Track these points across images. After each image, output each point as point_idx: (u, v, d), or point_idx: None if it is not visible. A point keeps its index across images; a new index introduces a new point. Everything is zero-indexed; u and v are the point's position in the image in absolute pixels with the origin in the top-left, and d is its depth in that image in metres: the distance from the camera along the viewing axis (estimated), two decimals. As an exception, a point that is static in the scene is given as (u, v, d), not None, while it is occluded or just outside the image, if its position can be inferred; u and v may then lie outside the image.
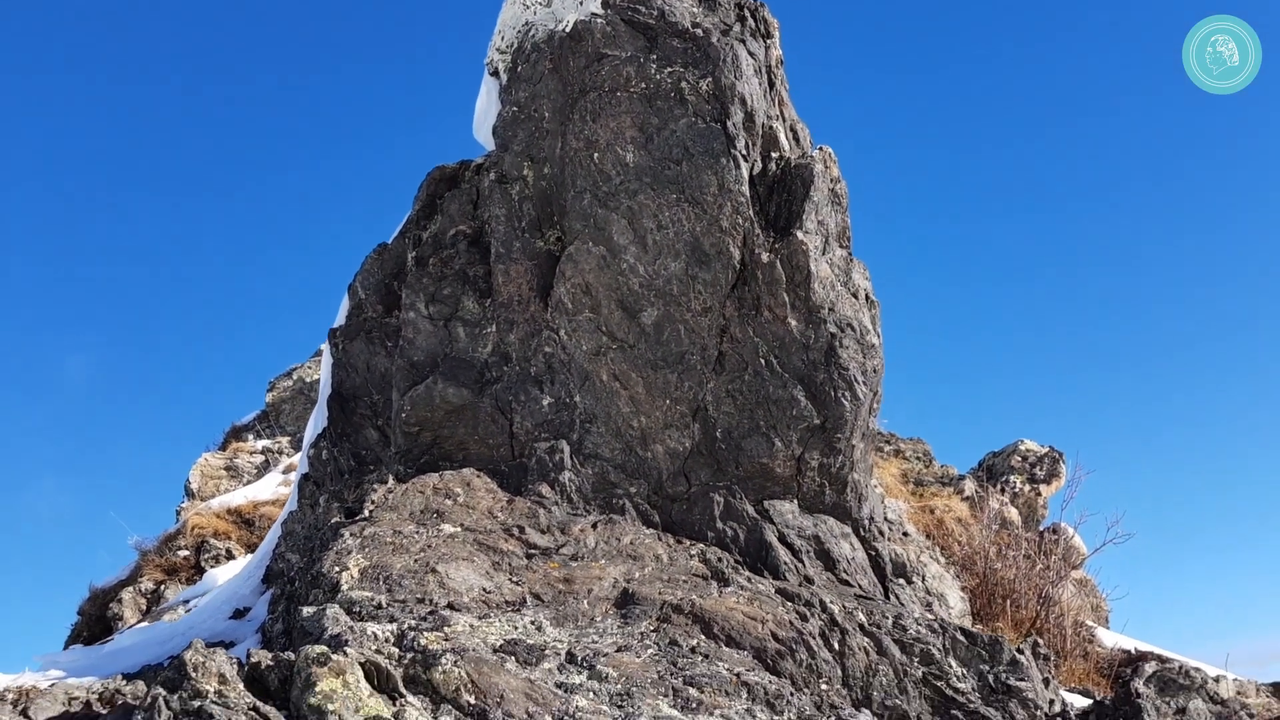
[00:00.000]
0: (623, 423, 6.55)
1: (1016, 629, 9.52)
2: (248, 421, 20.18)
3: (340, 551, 4.93)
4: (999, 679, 6.06)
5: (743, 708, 4.37)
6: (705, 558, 5.90)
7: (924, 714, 5.59)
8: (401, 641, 4.14)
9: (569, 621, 4.89)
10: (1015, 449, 16.04)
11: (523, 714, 3.88)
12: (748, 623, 5.11)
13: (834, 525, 7.33)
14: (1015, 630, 9.42)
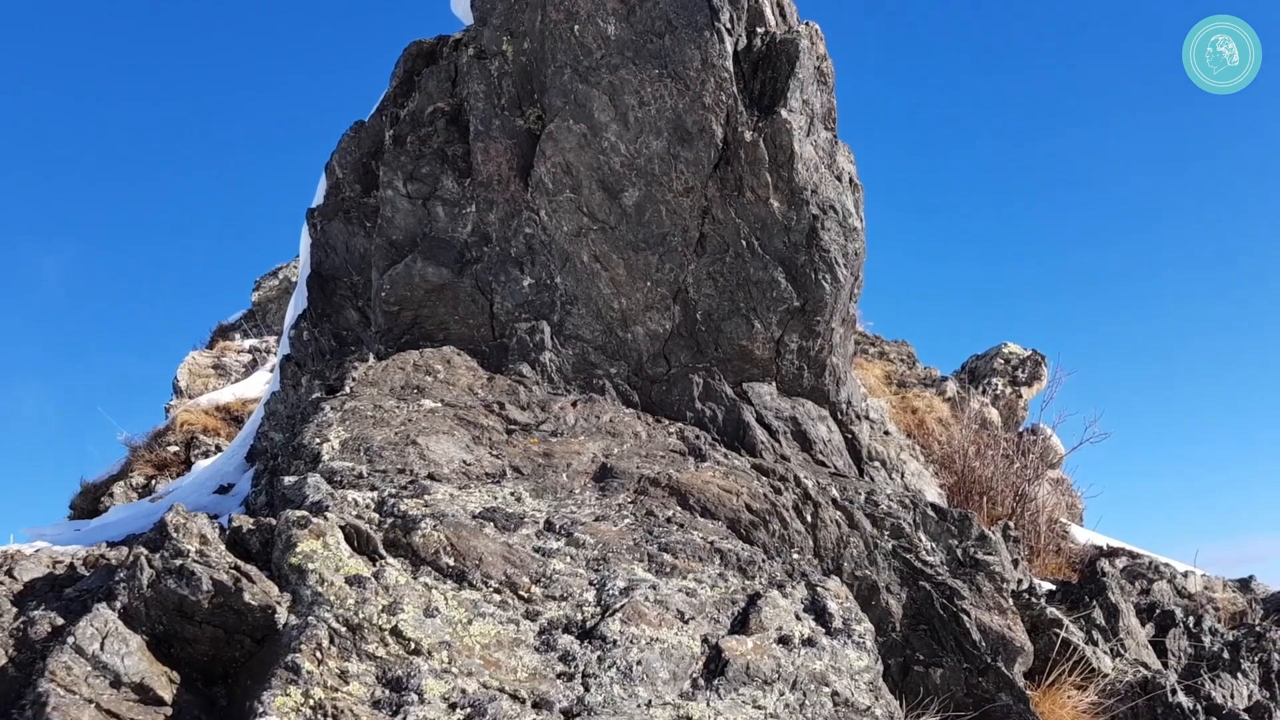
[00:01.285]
0: (603, 304, 6.55)
1: (992, 524, 9.68)
2: (234, 320, 20.18)
3: (321, 424, 4.97)
4: (967, 553, 6.23)
5: (715, 572, 4.49)
6: (683, 435, 5.97)
7: (892, 584, 5.75)
8: (381, 508, 4.21)
9: (548, 493, 4.96)
10: (998, 352, 16.18)
11: (501, 575, 3.98)
12: (723, 495, 5.20)
13: (811, 408, 7.42)
14: (993, 523, 9.60)
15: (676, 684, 3.66)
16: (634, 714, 3.34)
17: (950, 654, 5.71)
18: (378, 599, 3.55)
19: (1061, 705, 6.11)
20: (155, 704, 3.25)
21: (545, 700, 3.32)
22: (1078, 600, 8.23)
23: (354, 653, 3.31)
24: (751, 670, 3.81)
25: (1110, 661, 6.96)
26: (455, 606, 3.69)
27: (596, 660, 3.61)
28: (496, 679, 3.39)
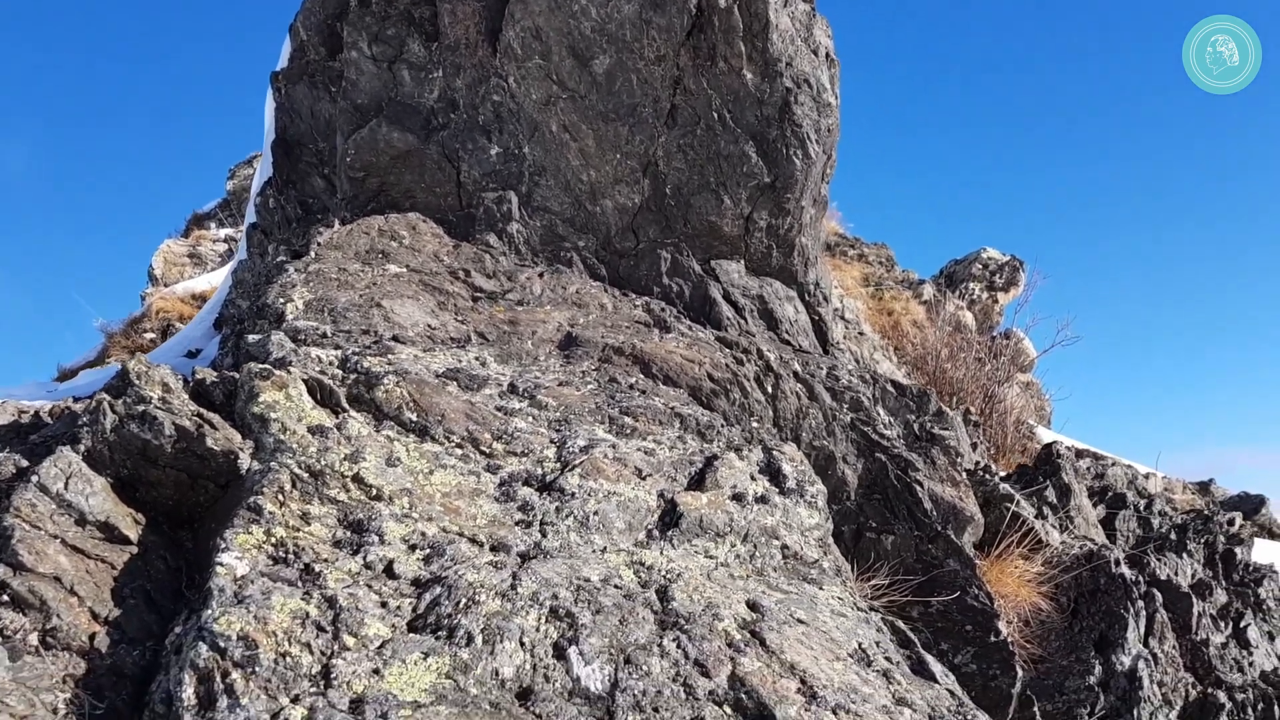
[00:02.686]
0: (572, 176, 6.50)
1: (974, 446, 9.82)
2: (209, 209, 19.89)
3: (285, 284, 4.97)
4: (924, 428, 6.38)
5: (674, 435, 4.59)
6: (649, 308, 6.02)
7: (849, 455, 5.90)
8: (345, 365, 4.25)
9: (512, 359, 5.02)
10: (977, 257, 16.22)
11: (463, 431, 4.05)
12: (685, 364, 5.28)
13: (779, 288, 7.47)
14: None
15: (632, 534, 3.78)
16: (589, 558, 3.45)
17: (902, 522, 5.90)
18: (340, 448, 3.62)
19: (1008, 573, 6.33)
20: (121, 542, 3.32)
21: (503, 544, 3.42)
22: (1032, 480, 8.45)
23: (315, 497, 3.38)
24: (705, 523, 3.94)
25: (1058, 535, 7.21)
26: (417, 458, 3.77)
27: (554, 510, 3.71)
28: (456, 524, 3.48)
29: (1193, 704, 6.02)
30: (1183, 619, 6.88)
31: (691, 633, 3.14)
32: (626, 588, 3.33)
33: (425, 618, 2.93)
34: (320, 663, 2.67)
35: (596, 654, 2.92)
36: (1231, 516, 10.13)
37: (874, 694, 3.08)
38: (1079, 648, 5.93)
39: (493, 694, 2.71)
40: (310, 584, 2.94)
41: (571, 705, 2.73)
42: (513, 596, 3.07)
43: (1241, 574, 8.79)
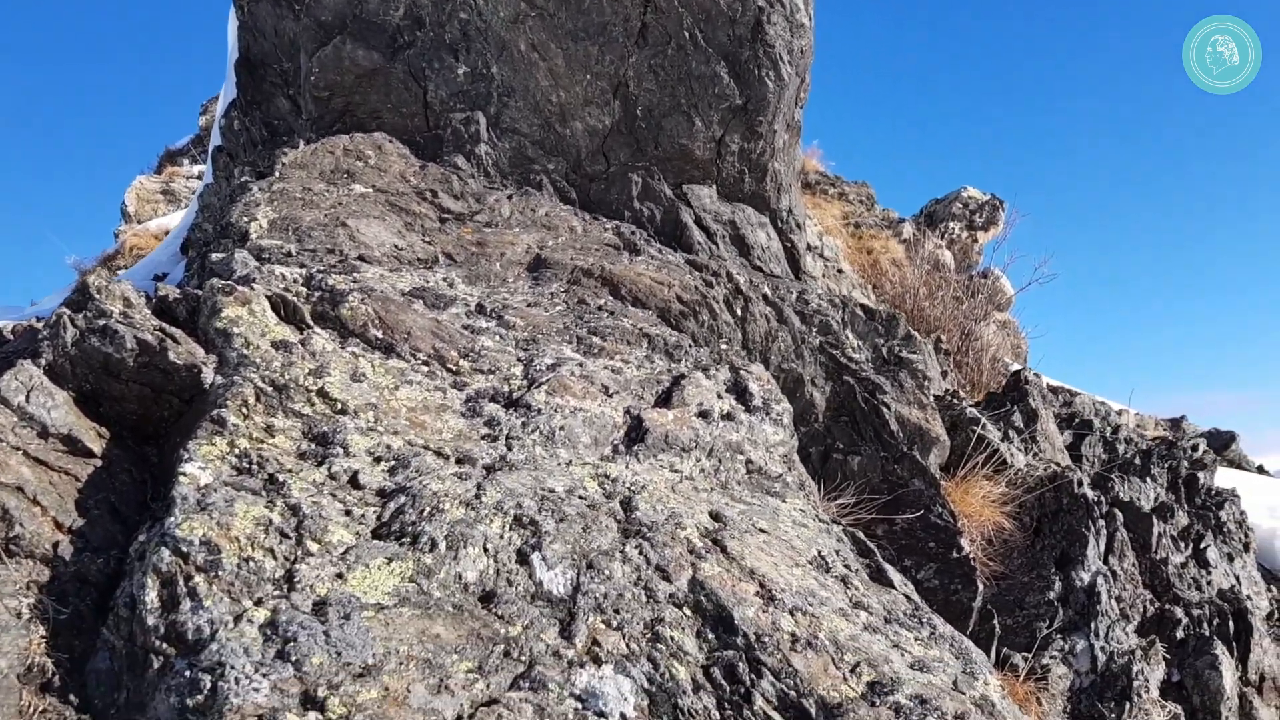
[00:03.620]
0: (541, 97, 6.43)
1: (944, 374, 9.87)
2: (182, 145, 19.56)
3: (249, 203, 4.92)
4: (892, 351, 6.43)
5: (642, 355, 4.61)
6: (619, 232, 5.99)
7: (817, 378, 5.95)
8: (309, 282, 4.23)
9: (480, 281, 5.00)
10: (958, 196, 16.18)
11: (429, 349, 4.05)
12: (654, 286, 5.28)
13: (751, 214, 7.46)
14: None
15: (598, 448, 3.82)
16: (554, 471, 3.49)
17: (869, 443, 5.98)
18: (304, 363, 3.62)
19: (972, 494, 6.44)
20: (84, 455, 3.33)
21: (469, 457, 3.45)
22: (999, 407, 8.55)
23: (280, 410, 3.39)
24: (670, 439, 3.97)
25: (1023, 458, 7.32)
26: (382, 373, 3.77)
27: (520, 425, 3.73)
28: (422, 438, 3.50)
29: (1150, 619, 6.18)
30: (1143, 539, 7.03)
31: (654, 540, 3.19)
32: (590, 498, 3.37)
33: (389, 525, 2.96)
34: (284, 567, 2.70)
35: (559, 559, 2.97)
36: (1196, 442, 10.28)
37: (831, 597, 3.15)
38: (1040, 565, 6.05)
39: (456, 597, 2.75)
40: (274, 493, 2.96)
41: (534, 607, 2.78)
42: (477, 505, 3.10)
43: (1204, 498, 8.96)
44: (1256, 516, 10.02)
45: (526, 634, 2.67)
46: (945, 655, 3.00)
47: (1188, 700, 5.44)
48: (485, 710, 2.40)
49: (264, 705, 2.24)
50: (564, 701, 2.48)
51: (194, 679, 2.32)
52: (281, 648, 2.41)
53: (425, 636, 2.56)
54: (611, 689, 2.55)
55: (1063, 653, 5.24)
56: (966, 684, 2.85)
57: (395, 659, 2.45)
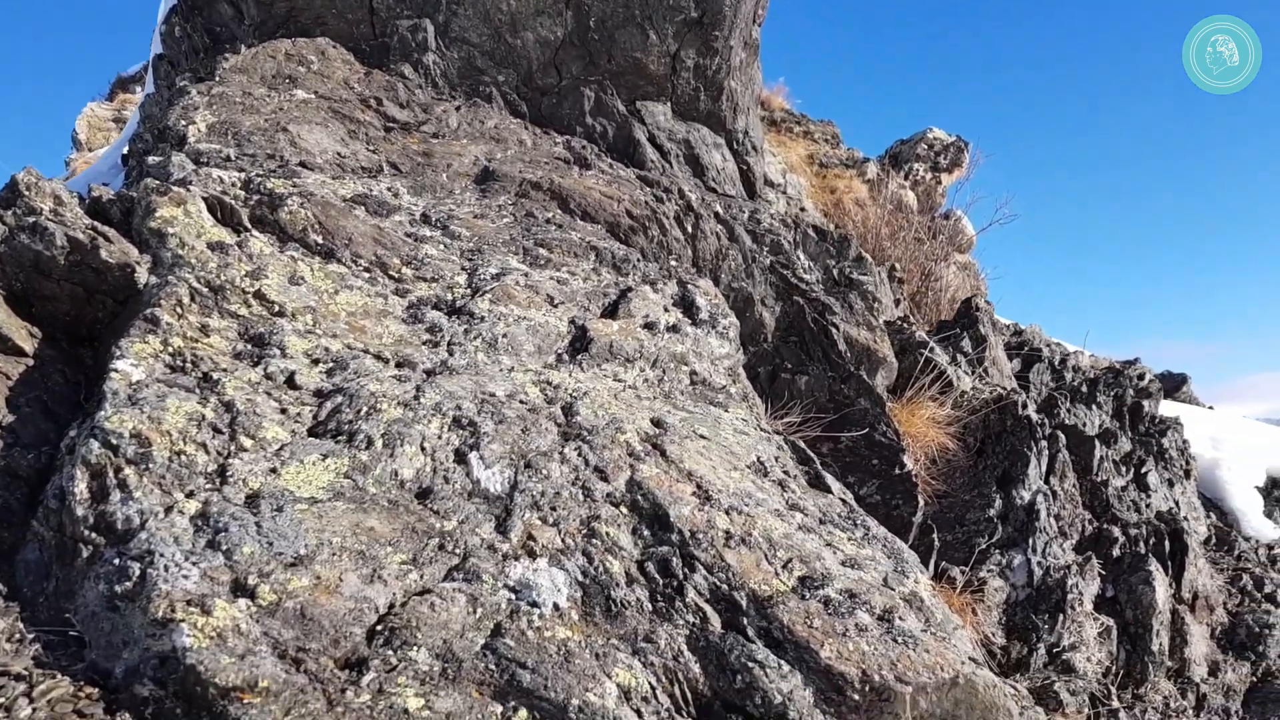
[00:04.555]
0: (491, 5, 6.28)
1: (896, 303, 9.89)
2: (134, 72, 18.94)
3: (187, 107, 4.78)
4: (843, 272, 6.44)
5: (589, 267, 4.58)
6: (570, 146, 5.92)
7: (768, 298, 5.96)
8: (248, 186, 4.13)
9: (426, 191, 4.93)
10: (923, 137, 16.07)
11: (371, 256, 4.00)
12: (604, 200, 5.23)
13: (707, 134, 7.38)
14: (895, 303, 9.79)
15: (541, 357, 3.80)
16: (496, 376, 3.47)
17: (817, 363, 6.02)
18: (241, 265, 3.55)
19: (918, 416, 6.52)
20: (15, 354, 3.26)
21: (409, 361, 3.43)
22: (950, 333, 8.64)
23: (215, 310, 3.34)
24: (615, 348, 3.97)
25: (970, 381, 7.42)
26: (322, 278, 3.72)
27: (463, 332, 3.71)
28: (361, 342, 3.47)
29: (1088, 538, 6.33)
30: (1085, 461, 7.18)
31: (593, 443, 3.20)
32: (532, 403, 3.37)
33: (326, 424, 2.94)
34: (216, 462, 2.68)
35: (497, 459, 2.97)
36: (1142, 371, 10.45)
37: (767, 499, 3.19)
38: (982, 484, 6.17)
39: (391, 493, 2.75)
40: (208, 391, 2.92)
41: (470, 504, 2.79)
42: (415, 406, 3.09)
43: (1147, 425, 9.14)
44: (1200, 447, 10.26)
45: (462, 529, 2.68)
46: (877, 554, 3.06)
47: (1121, 614, 5.59)
48: (418, 599, 2.42)
49: (193, 591, 2.24)
50: (497, 592, 2.50)
51: (123, 566, 2.31)
52: (212, 538, 2.40)
53: (359, 530, 2.56)
54: (545, 581, 2.57)
55: (1000, 567, 5.36)
56: (897, 581, 2.90)
57: (328, 550, 2.45)
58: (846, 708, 2.44)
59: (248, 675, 2.09)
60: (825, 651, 2.50)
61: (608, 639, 2.48)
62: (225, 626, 2.18)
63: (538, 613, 2.47)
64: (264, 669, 2.11)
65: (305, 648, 2.20)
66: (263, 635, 2.19)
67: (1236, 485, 9.83)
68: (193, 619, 2.17)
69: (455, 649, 2.31)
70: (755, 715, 2.41)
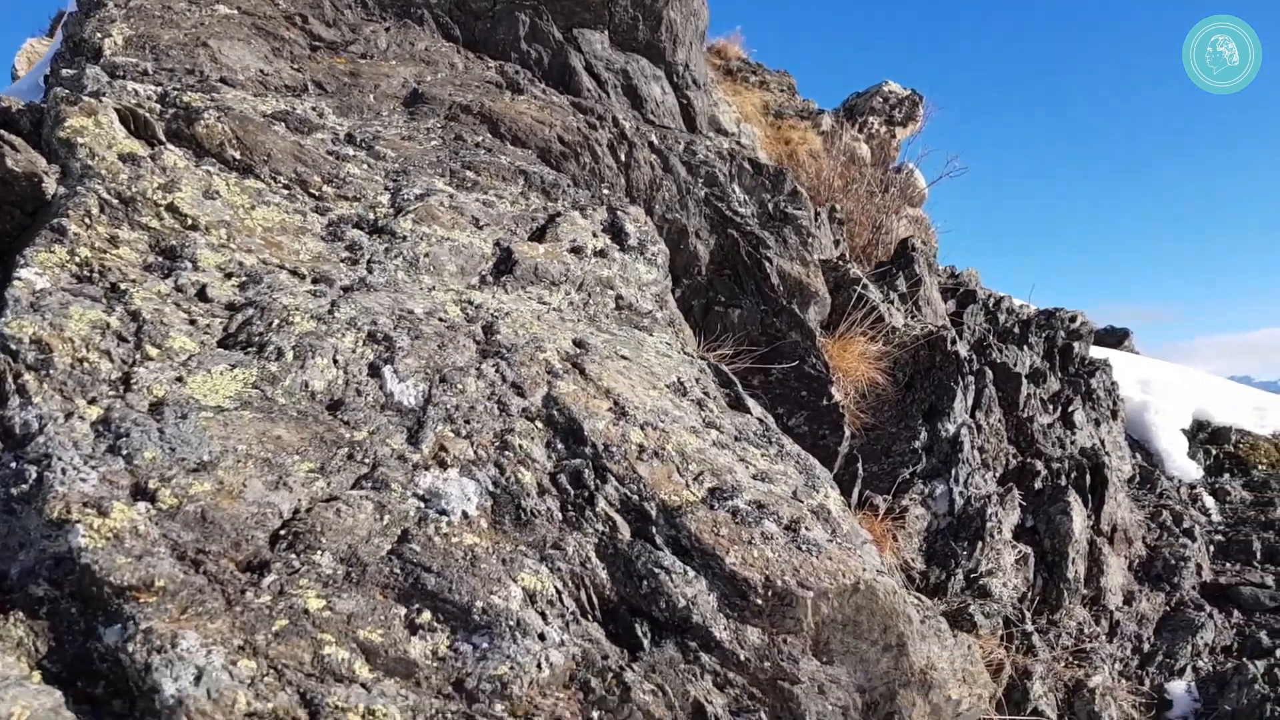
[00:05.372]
0: (425, -74, 6.13)
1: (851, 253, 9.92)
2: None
3: (103, 20, 4.63)
4: (778, 207, 6.46)
5: (517, 191, 4.54)
6: (503, 70, 5.83)
7: (702, 230, 5.96)
8: (164, 99, 4.02)
9: (353, 112, 4.83)
10: (878, 90, 16.02)
11: (291, 173, 3.92)
12: (535, 125, 5.18)
13: (646, 65, 7.31)
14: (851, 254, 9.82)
15: (464, 277, 3.78)
16: (415, 294, 3.45)
17: (750, 297, 6.05)
18: (153, 177, 3.47)
19: (850, 351, 6.60)
20: (-87, 264, 3.16)
21: (326, 277, 3.38)
22: (886, 272, 8.72)
23: (125, 222, 3.26)
24: (540, 271, 3.95)
25: (902, 319, 7.51)
26: (238, 193, 3.64)
27: (384, 251, 3.67)
28: (277, 257, 3.42)
29: (1012, 471, 6.49)
30: (1012, 398, 7.33)
31: (511, 360, 3.19)
32: (451, 321, 3.35)
33: (236, 335, 2.91)
34: (120, 370, 2.63)
35: (412, 373, 2.96)
36: (1074, 314, 10.65)
37: (684, 417, 3.22)
38: (909, 417, 6.28)
39: (301, 404, 2.73)
40: (115, 300, 2.86)
41: (382, 416, 2.78)
42: (329, 320, 3.06)
43: (1077, 366, 9.34)
44: (1129, 390, 10.50)
45: (372, 439, 2.67)
46: (789, 470, 3.10)
47: (1039, 543, 5.76)
48: (324, 506, 2.41)
49: (91, 495, 2.21)
50: (406, 500, 2.50)
51: (19, 470, 2.27)
52: (113, 443, 2.37)
53: (266, 438, 2.54)
54: (455, 490, 2.58)
55: (922, 496, 5.48)
56: (806, 494, 2.95)
57: (233, 457, 2.43)
58: (750, 612, 2.49)
59: (144, 575, 2.07)
60: (730, 558, 2.54)
61: (516, 546, 2.49)
62: (123, 528, 2.16)
63: (446, 520, 2.48)
64: (161, 569, 2.10)
65: (205, 550, 2.19)
66: (161, 537, 2.18)
67: (1163, 427, 10.09)
68: (89, 520, 2.14)
69: (360, 554, 2.31)
70: (660, 619, 2.46)
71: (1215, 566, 7.14)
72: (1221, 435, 10.23)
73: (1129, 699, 4.87)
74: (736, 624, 2.47)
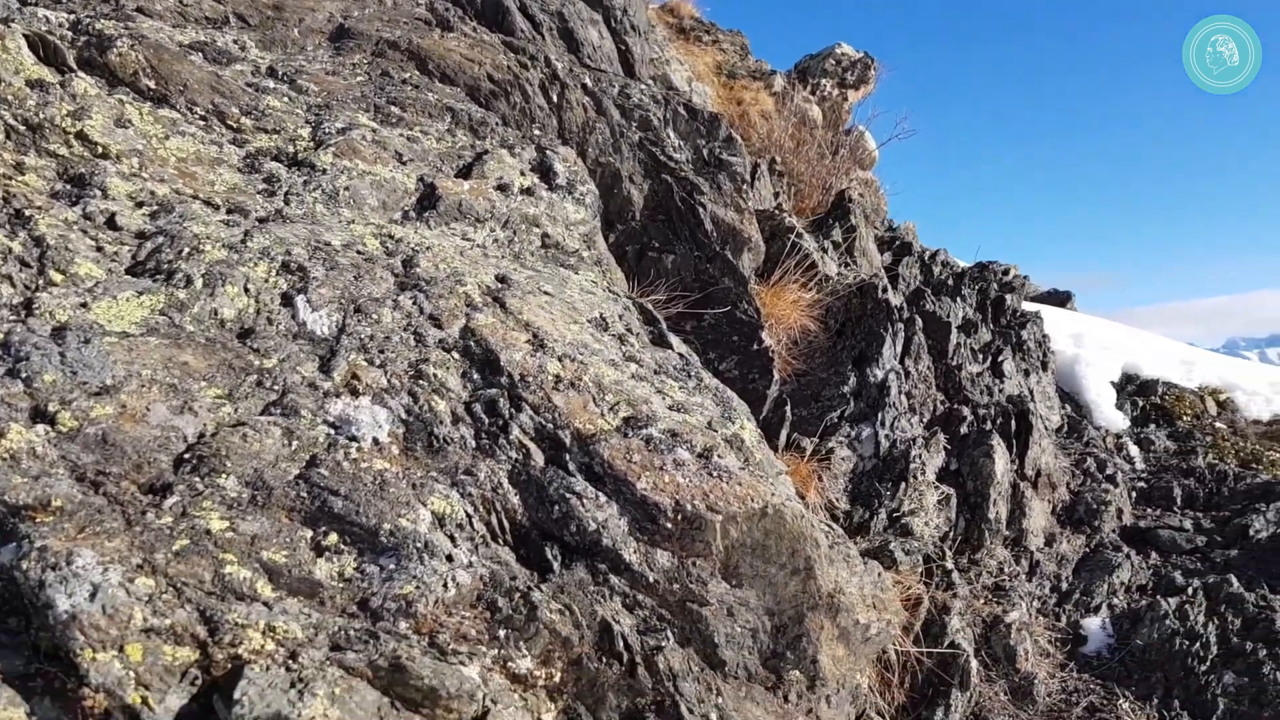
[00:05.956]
0: None
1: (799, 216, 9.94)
2: None
3: (11, -56, 4.46)
4: (713, 153, 6.45)
5: (444, 128, 4.49)
6: (433, 7, 5.73)
7: (636, 175, 5.94)
8: (76, 27, 3.91)
9: (275, 46, 4.73)
10: (831, 52, 15.96)
11: (208, 104, 3.84)
12: (465, 63, 5.10)
13: (583, 8, 7.23)
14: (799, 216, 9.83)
15: (386, 212, 3.74)
16: (334, 227, 3.40)
17: (684, 242, 6.05)
18: (63, 105, 3.37)
19: (784, 299, 6.65)
20: None
21: (241, 208, 3.33)
22: (822, 223, 8.77)
23: (32, 148, 3.17)
24: (464, 208, 3.92)
25: (836, 268, 7.57)
26: (151, 122, 3.56)
27: (302, 184, 3.61)
28: (191, 188, 3.35)
29: (939, 416, 6.60)
30: (941, 346, 7.44)
31: (430, 292, 3.17)
32: (369, 253, 3.32)
33: (144, 263, 2.85)
34: (22, 295, 2.58)
35: (326, 303, 2.93)
36: (1007, 267, 10.82)
37: (604, 350, 3.23)
38: (839, 363, 6.35)
39: (210, 331, 2.69)
40: (18, 226, 2.79)
41: (294, 344, 2.75)
42: (242, 249, 3.01)
43: (1008, 318, 9.49)
44: (1063, 344, 10.71)
45: (282, 366, 2.64)
46: (707, 402, 3.13)
47: (963, 485, 5.88)
48: (230, 431, 2.39)
49: (-14, 416, 2.17)
50: (316, 427, 2.49)
51: (-90, 393, 2.22)
52: (12, 366, 2.32)
53: (172, 364, 2.51)
54: (366, 417, 2.57)
55: (849, 438, 5.56)
56: (721, 425, 2.99)
57: (137, 381, 2.40)
58: (660, 536, 2.53)
59: (40, 495, 2.05)
60: (641, 483, 2.57)
61: (427, 472, 2.50)
62: (19, 449, 2.12)
63: (356, 446, 2.47)
64: (59, 489, 2.08)
65: (105, 471, 2.16)
66: (60, 459, 2.15)
67: (1093, 379, 10.31)
68: (-17, 441, 2.11)
69: (267, 478, 2.30)
70: (571, 543, 2.48)
71: (1136, 511, 7.36)
72: (1149, 388, 10.48)
73: (1045, 634, 5.03)
74: (646, 547, 2.51)
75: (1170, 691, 4.55)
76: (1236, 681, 4.48)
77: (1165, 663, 4.76)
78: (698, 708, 2.37)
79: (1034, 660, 4.62)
